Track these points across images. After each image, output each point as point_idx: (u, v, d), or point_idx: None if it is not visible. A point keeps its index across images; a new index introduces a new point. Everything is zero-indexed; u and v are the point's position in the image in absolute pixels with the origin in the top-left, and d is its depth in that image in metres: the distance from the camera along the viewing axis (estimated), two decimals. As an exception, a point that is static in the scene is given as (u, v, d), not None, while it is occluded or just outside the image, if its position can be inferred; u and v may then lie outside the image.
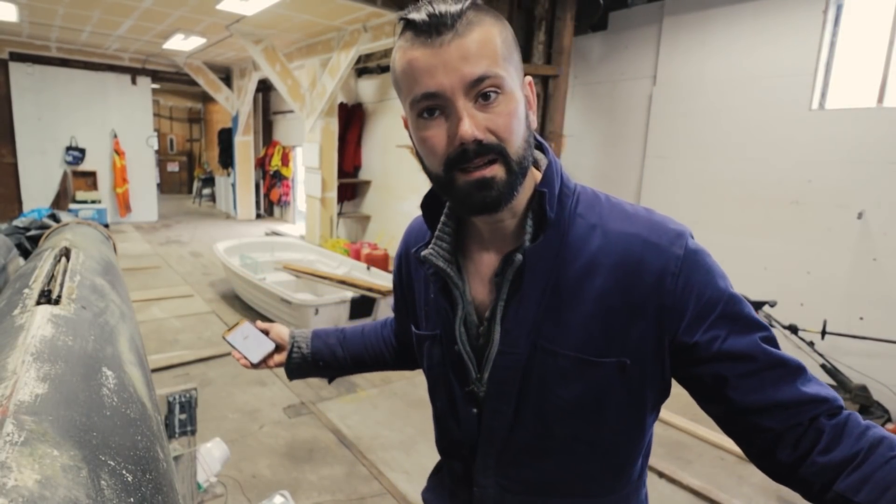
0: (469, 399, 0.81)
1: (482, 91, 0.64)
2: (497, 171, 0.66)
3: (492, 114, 0.64)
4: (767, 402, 0.67)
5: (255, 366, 1.08)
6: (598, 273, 0.71)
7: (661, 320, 0.69)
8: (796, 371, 0.69)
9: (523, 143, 0.67)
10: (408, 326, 0.94)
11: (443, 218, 0.81)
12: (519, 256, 0.72)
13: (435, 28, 0.62)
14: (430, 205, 0.82)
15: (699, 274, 0.69)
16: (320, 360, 1.10)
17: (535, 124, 0.71)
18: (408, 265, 0.92)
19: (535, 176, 0.75)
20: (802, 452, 0.66)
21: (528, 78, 0.71)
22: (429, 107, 0.65)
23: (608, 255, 0.71)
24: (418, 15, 0.63)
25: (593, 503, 0.80)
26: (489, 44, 0.64)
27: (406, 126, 0.73)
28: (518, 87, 0.67)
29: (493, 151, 0.65)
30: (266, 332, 1.11)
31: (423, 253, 0.79)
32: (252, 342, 1.09)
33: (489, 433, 0.79)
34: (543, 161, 0.76)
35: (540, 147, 0.77)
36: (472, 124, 0.63)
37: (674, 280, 0.68)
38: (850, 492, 0.62)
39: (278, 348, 1.10)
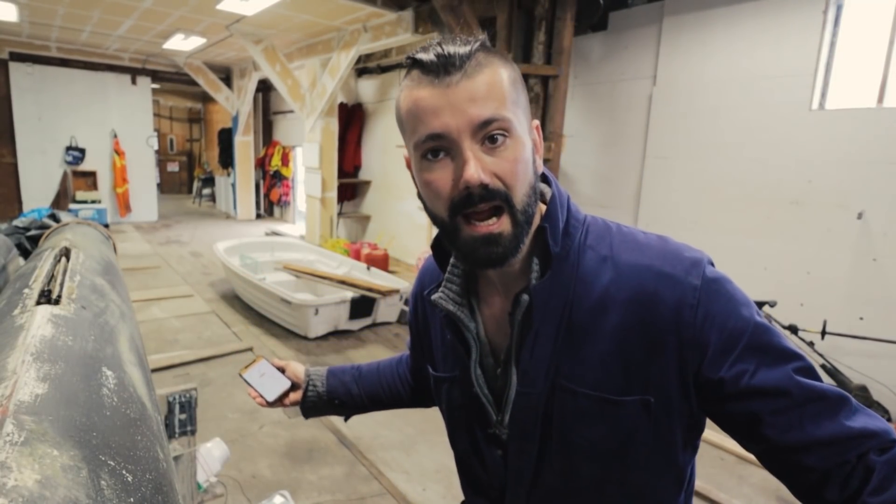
0: (492, 441, 0.79)
1: (489, 134, 0.62)
2: (504, 225, 0.64)
3: (498, 158, 0.63)
4: (807, 440, 0.62)
5: (270, 404, 1.07)
6: (611, 308, 0.67)
7: (683, 355, 0.65)
8: (838, 403, 0.63)
9: (528, 191, 0.65)
10: (424, 365, 0.93)
11: (452, 260, 0.79)
12: (525, 297, 0.70)
13: (443, 68, 0.61)
14: (441, 245, 0.79)
15: (719, 304, 0.66)
16: (336, 399, 1.08)
17: (540, 168, 0.70)
18: (423, 305, 0.90)
19: (541, 209, 0.72)
20: (851, 492, 0.60)
21: (536, 122, 0.70)
22: (434, 148, 0.64)
23: (621, 289, 0.67)
24: (426, 55, 0.62)
25: None
26: (498, 86, 0.62)
27: (409, 167, 0.71)
28: (526, 132, 0.66)
29: (497, 198, 0.63)
30: (282, 370, 1.10)
31: (433, 297, 0.77)
32: (268, 380, 1.08)
33: (516, 474, 0.77)
34: (548, 193, 0.73)
35: (545, 179, 0.74)
36: (477, 167, 0.61)
37: (692, 312, 0.65)
38: None
39: (294, 386, 1.08)
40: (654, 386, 0.67)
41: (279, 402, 1.07)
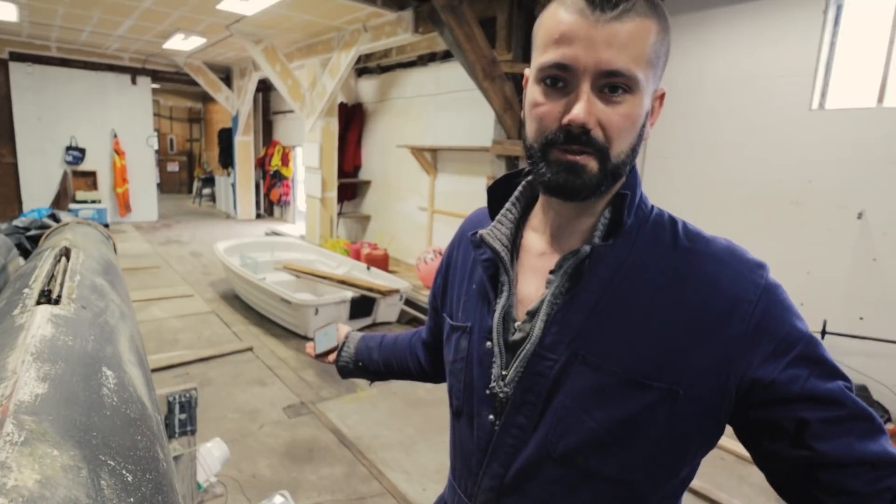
0: (488, 402, 0.73)
1: (612, 83, 0.61)
2: (590, 162, 0.63)
3: (612, 109, 0.61)
4: (854, 458, 0.58)
5: (316, 356, 1.18)
6: (665, 288, 0.65)
7: (729, 351, 0.62)
8: (881, 428, 0.61)
9: (628, 150, 0.64)
10: (440, 319, 0.91)
11: (507, 204, 0.77)
12: (586, 248, 0.67)
13: (600, 2, 0.59)
14: (496, 193, 0.79)
15: (778, 308, 0.63)
16: (360, 361, 1.14)
17: (647, 136, 0.68)
18: (457, 253, 0.88)
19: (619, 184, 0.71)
20: None
21: (663, 89, 0.68)
22: (554, 76, 0.62)
23: (678, 272, 0.65)
24: None
25: None
26: (641, 41, 0.60)
27: (525, 83, 0.70)
28: (649, 95, 0.64)
29: (594, 147, 0.62)
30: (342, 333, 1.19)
31: (480, 232, 0.74)
32: (326, 338, 1.19)
33: (500, 449, 0.72)
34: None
35: None
36: (586, 110, 0.60)
37: (751, 308, 0.62)
38: None
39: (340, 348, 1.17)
40: (687, 377, 0.63)
41: (323, 356, 1.18)
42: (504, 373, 0.71)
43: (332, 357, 1.17)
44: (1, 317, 0.79)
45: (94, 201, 9.12)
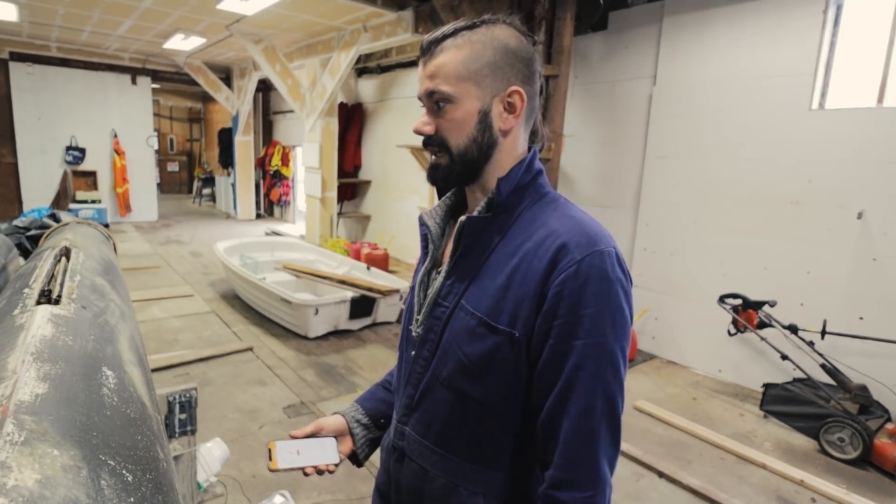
0: (411, 341, 0.95)
1: (435, 100, 0.85)
2: (442, 160, 0.87)
3: (440, 118, 0.86)
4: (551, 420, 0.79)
5: (339, 464, 1.01)
6: (517, 254, 0.83)
7: (537, 304, 0.79)
8: (597, 419, 0.78)
9: (467, 142, 0.85)
10: None
11: (447, 194, 1.00)
12: (463, 219, 0.88)
13: (422, 52, 0.86)
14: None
15: (580, 282, 0.77)
16: (381, 418, 1.09)
17: (509, 126, 0.86)
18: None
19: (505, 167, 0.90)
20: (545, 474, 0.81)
21: (514, 88, 0.85)
22: (423, 105, 0.88)
23: (530, 241, 0.83)
24: (425, 39, 0.86)
25: (484, 475, 0.87)
26: (448, 67, 0.83)
27: None
28: (475, 99, 0.84)
29: (435, 144, 0.87)
30: (315, 434, 1.03)
31: (421, 213, 0.98)
32: (310, 451, 0.99)
33: (411, 375, 0.93)
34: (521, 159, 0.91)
35: (530, 149, 0.92)
36: (422, 122, 0.87)
37: (559, 275, 0.78)
38: None
39: (342, 437, 1.06)
40: (519, 325, 0.80)
41: (342, 455, 1.03)
42: (418, 317, 0.93)
43: (343, 451, 1.04)
44: (1, 317, 0.79)
45: (94, 201, 9.12)
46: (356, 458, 1.07)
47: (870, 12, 3.35)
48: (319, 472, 0.98)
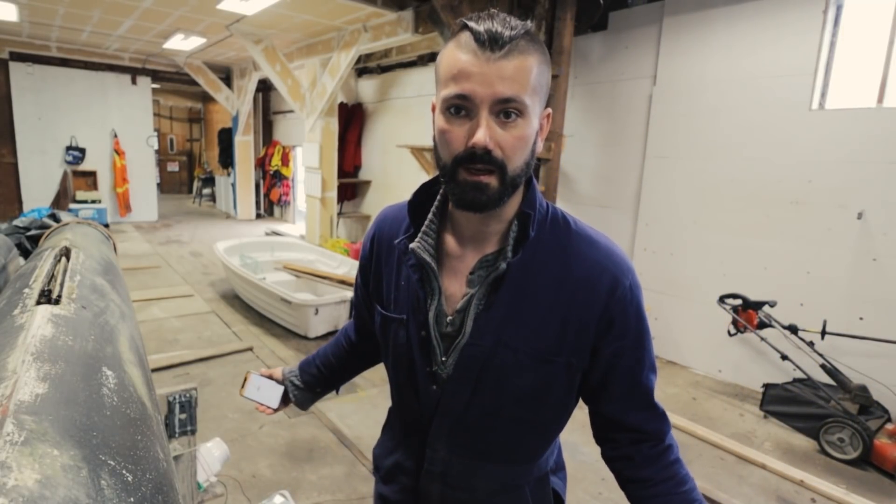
0: (431, 378, 0.90)
1: (505, 109, 0.72)
2: (492, 180, 0.75)
3: (507, 132, 0.73)
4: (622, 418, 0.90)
5: (275, 410, 1.22)
6: (561, 287, 0.83)
7: (598, 330, 0.83)
8: (658, 407, 0.91)
9: (523, 165, 0.77)
10: (371, 304, 1.02)
11: (430, 216, 0.89)
12: (503, 265, 0.82)
13: (489, 43, 0.70)
14: (419, 201, 0.91)
15: (634, 305, 0.85)
16: (317, 388, 1.24)
17: (540, 150, 0.81)
18: (379, 248, 0.98)
19: (520, 193, 0.84)
20: (616, 457, 0.93)
21: (549, 110, 0.81)
22: (458, 105, 0.73)
23: (572, 273, 0.83)
24: (480, 26, 0.71)
25: (521, 468, 0.95)
26: (526, 73, 0.72)
27: (433, 111, 0.80)
28: (536, 116, 0.76)
29: (494, 164, 0.74)
30: (271, 377, 1.23)
31: (411, 246, 0.87)
32: (265, 391, 1.20)
33: (446, 409, 0.90)
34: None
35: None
36: (487, 134, 0.72)
37: (615, 301, 0.83)
38: (636, 500, 0.91)
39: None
40: (577, 352, 0.84)
41: (283, 405, 1.22)
42: (443, 358, 0.88)
43: (271, 405, 1.21)
44: (1, 317, 0.79)
45: (94, 201, 9.12)
46: (297, 405, 1.25)
47: (870, 12, 3.35)
48: (260, 409, 1.22)
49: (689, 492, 0.88)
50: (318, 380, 1.23)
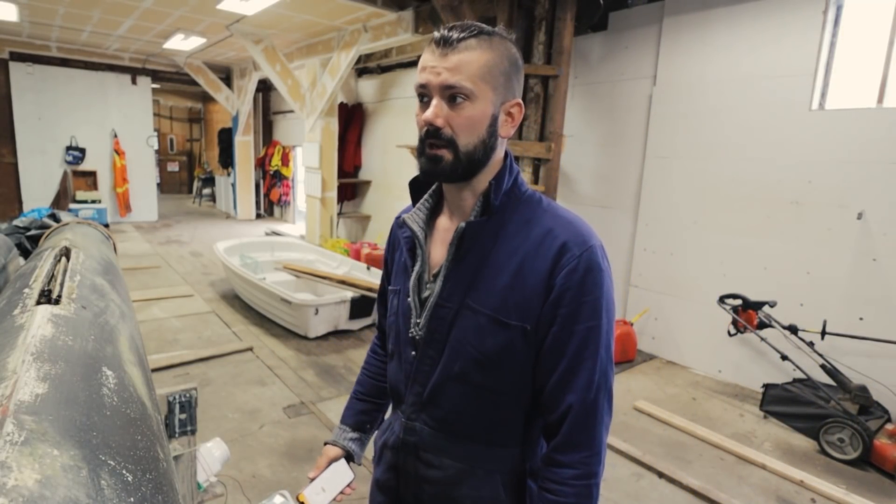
0: (410, 342, 0.99)
1: (451, 94, 0.85)
2: (445, 154, 0.88)
3: (454, 112, 0.86)
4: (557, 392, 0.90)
5: (352, 484, 1.15)
6: (519, 254, 0.90)
7: (544, 297, 0.88)
8: (596, 385, 0.90)
9: (477, 142, 0.88)
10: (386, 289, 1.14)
11: (425, 196, 1.03)
12: (462, 225, 0.92)
13: (441, 43, 0.86)
14: (416, 186, 1.04)
15: (588, 280, 0.87)
16: (367, 425, 1.23)
17: (504, 135, 0.92)
18: (395, 236, 1.11)
19: (494, 170, 0.95)
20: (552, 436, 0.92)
21: (517, 100, 0.92)
22: (420, 93, 0.89)
23: (530, 242, 0.90)
24: (438, 33, 0.87)
25: (492, 452, 0.97)
26: (470, 65, 0.85)
27: None
28: (489, 102, 0.87)
29: (443, 139, 0.87)
30: (328, 465, 1.15)
31: (404, 217, 1.02)
32: (331, 481, 1.11)
33: (418, 374, 0.98)
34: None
35: (506, 156, 0.97)
36: (434, 113, 0.86)
37: (567, 273, 0.87)
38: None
39: (348, 457, 1.19)
40: (532, 317, 0.89)
41: (353, 470, 1.17)
42: (418, 321, 0.98)
43: (347, 484, 1.15)
44: (1, 317, 0.79)
45: (94, 201, 9.12)
46: (357, 457, 1.22)
47: (870, 13, 3.35)
48: (345, 494, 1.14)
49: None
50: (367, 412, 1.22)
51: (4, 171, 8.77)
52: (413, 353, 0.99)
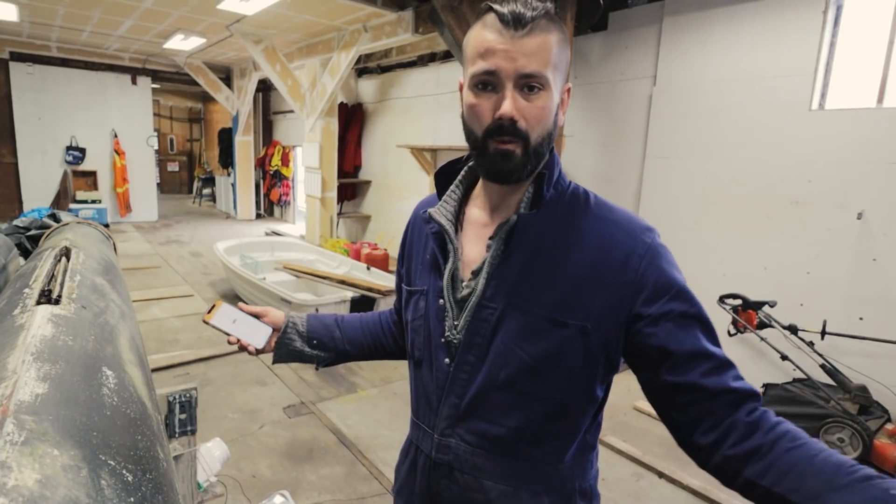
0: (444, 348, 0.89)
1: (528, 83, 0.76)
2: (517, 149, 0.78)
3: (530, 104, 0.77)
4: (692, 385, 0.76)
5: (260, 350, 1.06)
6: (576, 248, 0.82)
7: (622, 294, 0.79)
8: (727, 363, 0.78)
9: (545, 135, 0.80)
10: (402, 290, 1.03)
11: (452, 187, 0.94)
12: (514, 217, 0.83)
13: (513, 23, 0.75)
14: (442, 177, 0.95)
15: (660, 262, 0.80)
16: (314, 339, 1.11)
17: (562, 122, 0.84)
18: (412, 232, 1.02)
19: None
20: (714, 441, 0.75)
21: (569, 85, 0.84)
22: (484, 81, 0.78)
23: (587, 235, 0.82)
24: (504, 8, 0.75)
25: (538, 470, 0.86)
26: (547, 49, 0.76)
27: (460, 90, 0.85)
28: (558, 90, 0.80)
29: (519, 136, 0.77)
30: (257, 316, 1.07)
31: (429, 210, 0.91)
32: (244, 326, 1.03)
33: (454, 383, 0.88)
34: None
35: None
36: (513, 105, 0.76)
37: (639, 261, 0.79)
38: (756, 477, 0.70)
39: (275, 332, 1.09)
40: (593, 316, 0.80)
41: (268, 346, 1.07)
42: (455, 323, 0.88)
43: (272, 344, 1.07)
44: (1, 317, 0.79)
45: (94, 201, 9.12)
46: (277, 346, 1.10)
47: (870, 13, 3.35)
48: (241, 347, 1.04)
49: (813, 443, 0.70)
50: (326, 335, 1.12)
51: (4, 171, 8.77)
52: (447, 360, 0.88)
